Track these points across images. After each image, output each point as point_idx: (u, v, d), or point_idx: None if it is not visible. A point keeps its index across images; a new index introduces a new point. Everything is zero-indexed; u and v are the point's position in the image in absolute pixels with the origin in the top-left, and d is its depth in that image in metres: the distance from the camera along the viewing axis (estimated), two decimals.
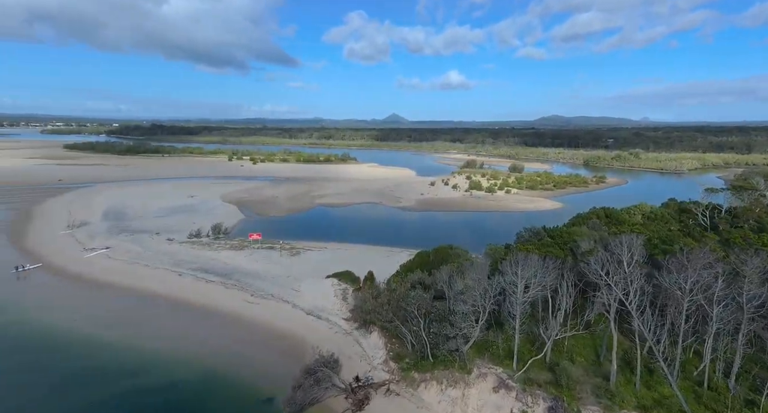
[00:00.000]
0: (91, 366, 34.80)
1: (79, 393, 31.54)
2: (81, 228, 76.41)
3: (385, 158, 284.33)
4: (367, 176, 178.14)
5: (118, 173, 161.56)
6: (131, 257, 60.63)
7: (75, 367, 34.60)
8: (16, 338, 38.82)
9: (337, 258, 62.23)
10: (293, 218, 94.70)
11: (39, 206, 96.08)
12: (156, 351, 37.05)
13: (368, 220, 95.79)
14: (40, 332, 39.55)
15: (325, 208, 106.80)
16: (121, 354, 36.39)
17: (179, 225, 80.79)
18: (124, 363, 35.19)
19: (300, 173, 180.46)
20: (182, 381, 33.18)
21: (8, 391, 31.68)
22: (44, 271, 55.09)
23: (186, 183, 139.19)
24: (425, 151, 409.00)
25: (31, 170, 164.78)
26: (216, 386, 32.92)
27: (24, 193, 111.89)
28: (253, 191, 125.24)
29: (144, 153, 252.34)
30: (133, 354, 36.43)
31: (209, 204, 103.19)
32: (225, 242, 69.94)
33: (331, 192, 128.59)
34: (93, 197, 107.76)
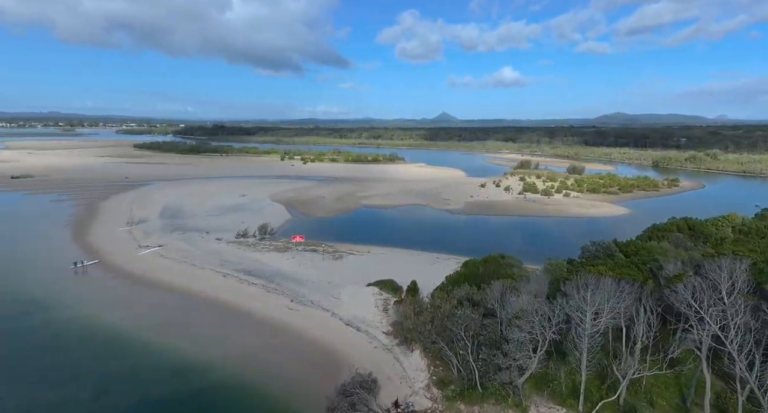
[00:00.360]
0: (128, 367, 34.70)
1: (112, 395, 31.30)
2: (139, 225, 79.89)
3: (433, 158, 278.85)
4: (415, 176, 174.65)
5: (179, 172, 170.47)
6: (181, 255, 61.83)
7: (113, 367, 34.65)
8: (62, 335, 39.85)
9: (380, 264, 59.63)
10: (338, 219, 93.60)
11: (105, 203, 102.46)
12: (192, 356, 36.36)
13: (414, 223, 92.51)
14: (87, 330, 40.41)
15: (370, 209, 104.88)
16: (159, 357, 36.07)
17: (229, 224, 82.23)
18: (159, 367, 34.76)
19: (348, 173, 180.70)
20: (214, 390, 32.04)
21: (44, 388, 32.05)
22: (100, 267, 57.37)
23: (239, 182, 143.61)
24: (476, 150, 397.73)
25: (103, 167, 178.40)
26: (247, 397, 31.48)
27: (94, 189, 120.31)
28: (301, 191, 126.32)
29: (204, 152, 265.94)
30: (170, 358, 35.98)
31: (258, 204, 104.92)
32: (270, 242, 69.81)
33: (377, 193, 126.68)
34: (153, 194, 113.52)
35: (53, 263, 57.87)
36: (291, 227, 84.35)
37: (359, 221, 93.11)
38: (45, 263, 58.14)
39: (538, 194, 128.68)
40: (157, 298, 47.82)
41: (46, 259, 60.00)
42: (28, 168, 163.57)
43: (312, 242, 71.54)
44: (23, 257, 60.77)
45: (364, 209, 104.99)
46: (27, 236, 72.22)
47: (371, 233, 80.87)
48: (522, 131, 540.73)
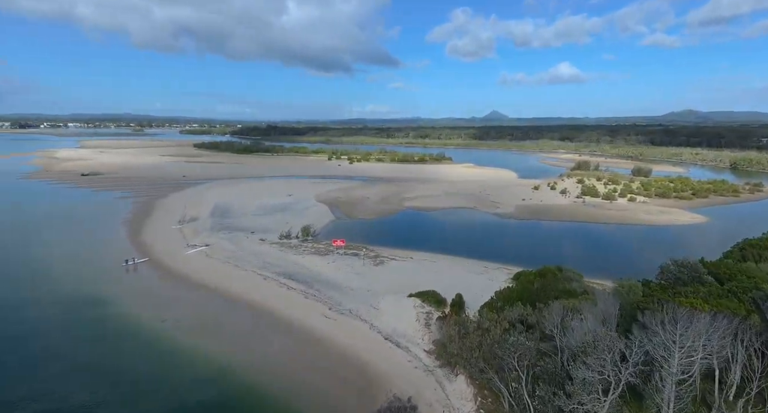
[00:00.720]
0: (160, 371, 34.21)
1: (143, 401, 30.63)
2: (189, 224, 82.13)
3: (483, 158, 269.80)
4: (462, 177, 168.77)
5: (233, 171, 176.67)
6: (225, 256, 62.14)
7: (146, 370, 34.25)
8: (103, 334, 40.30)
9: (423, 272, 56.27)
10: (381, 221, 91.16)
11: (162, 200, 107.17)
12: (222, 363, 35.24)
13: (460, 227, 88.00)
14: (127, 330, 40.71)
15: (414, 211, 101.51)
16: (190, 363, 35.30)
17: (273, 224, 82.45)
18: (189, 373, 33.93)
19: (393, 173, 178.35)
20: (239, 400, 30.53)
21: (76, 389, 31.97)
22: (149, 266, 58.79)
23: (287, 182, 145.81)
24: (528, 150, 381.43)
25: (165, 166, 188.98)
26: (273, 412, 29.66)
27: (154, 187, 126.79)
28: (345, 191, 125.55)
29: (257, 152, 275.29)
30: (200, 364, 35.08)
31: (304, 204, 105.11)
32: (311, 245, 68.69)
33: (421, 194, 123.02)
34: (206, 193, 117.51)
35: (107, 260, 60.17)
36: (333, 228, 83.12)
37: (402, 224, 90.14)
38: (99, 260, 60.61)
39: (598, 197, 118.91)
40: (198, 300, 47.72)
41: (101, 255, 62.61)
42: (98, 166, 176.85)
43: (353, 245, 69.58)
44: (81, 253, 63.84)
45: (407, 211, 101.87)
46: (87, 232, 76.35)
47: (414, 237, 77.64)
48: (579, 130, 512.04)
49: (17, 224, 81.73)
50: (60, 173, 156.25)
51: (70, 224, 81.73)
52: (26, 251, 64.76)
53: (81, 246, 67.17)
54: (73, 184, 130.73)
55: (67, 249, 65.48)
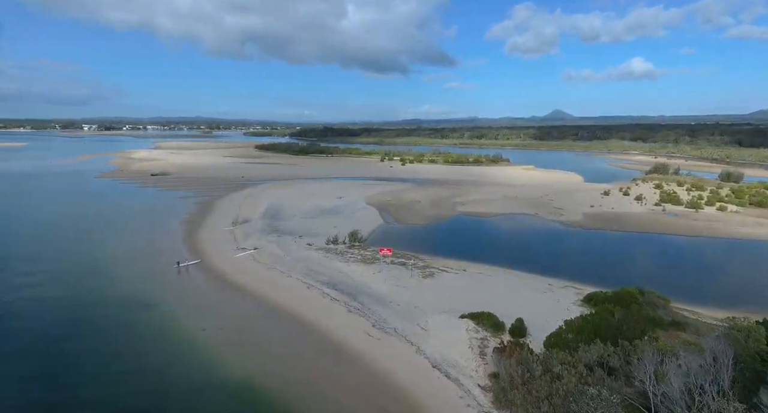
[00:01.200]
0: (192, 384, 32.63)
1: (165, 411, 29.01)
2: (242, 225, 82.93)
3: (544, 160, 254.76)
4: (521, 180, 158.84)
5: (288, 172, 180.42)
6: (272, 261, 61.06)
7: (177, 384, 32.73)
8: (141, 339, 39.71)
9: (477, 287, 51.10)
10: (432, 227, 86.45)
11: (220, 201, 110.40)
12: (256, 379, 32.97)
13: (519, 236, 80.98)
14: (166, 336, 39.96)
15: (468, 217, 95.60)
16: (225, 377, 33.36)
17: (321, 228, 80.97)
18: (224, 390, 31.88)
19: (446, 175, 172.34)
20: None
21: (104, 393, 30.98)
22: (199, 268, 59.06)
23: (339, 183, 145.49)
24: (595, 151, 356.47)
25: (227, 166, 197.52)
26: None
27: (214, 188, 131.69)
28: (396, 194, 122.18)
29: (312, 154, 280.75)
30: (237, 381, 33.00)
31: (353, 207, 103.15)
32: (358, 251, 65.85)
33: (476, 198, 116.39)
34: (261, 194, 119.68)
35: (161, 260, 61.37)
36: (382, 234, 79.93)
37: (455, 231, 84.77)
38: (153, 260, 62.01)
39: (681, 206, 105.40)
40: (240, 308, 46.44)
41: (156, 255, 64.14)
42: (167, 166, 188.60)
43: (401, 253, 65.80)
44: (137, 253, 65.91)
45: (461, 216, 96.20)
46: (147, 231, 79.41)
47: (468, 247, 72.26)
48: (653, 129, 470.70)
49: (83, 221, 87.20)
50: (132, 172, 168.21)
51: (132, 223, 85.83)
52: (85, 248, 68.09)
53: (138, 246, 69.59)
54: (142, 183, 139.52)
55: (125, 249, 68.02)
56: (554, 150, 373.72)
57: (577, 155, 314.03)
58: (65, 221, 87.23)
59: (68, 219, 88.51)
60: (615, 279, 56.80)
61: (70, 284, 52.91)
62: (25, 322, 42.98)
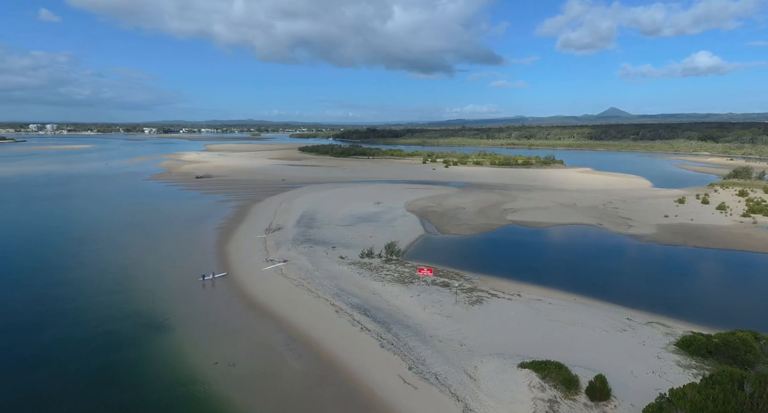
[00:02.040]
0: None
1: None
2: (275, 233, 78.78)
3: (602, 161, 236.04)
4: (578, 184, 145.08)
5: (328, 175, 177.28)
6: (300, 276, 55.67)
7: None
8: (139, 375, 34.99)
9: (536, 319, 42.55)
10: (478, 239, 77.84)
11: (257, 205, 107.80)
12: None
13: (582, 252, 70.57)
14: (171, 370, 35.04)
15: (520, 227, 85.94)
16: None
17: (357, 238, 75.04)
18: None
19: (493, 179, 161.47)
20: None
21: None
22: (224, 282, 54.82)
23: (378, 187, 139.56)
24: (659, 152, 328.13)
25: (269, 169, 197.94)
26: None
27: (254, 191, 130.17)
28: (438, 200, 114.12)
29: (354, 155, 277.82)
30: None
31: (392, 213, 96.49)
32: (395, 267, 58.96)
33: (528, 205, 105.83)
34: (298, 198, 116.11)
35: (187, 272, 57.82)
36: (422, 246, 72.62)
37: (505, 244, 75.59)
38: (180, 271, 58.57)
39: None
40: (260, 336, 41.01)
41: (184, 266, 60.83)
42: (212, 169, 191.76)
43: (444, 270, 58.21)
44: (165, 262, 63.00)
45: (511, 226, 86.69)
46: (180, 237, 77.10)
47: (521, 263, 63.30)
48: (725, 128, 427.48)
49: (119, 227, 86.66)
50: (179, 175, 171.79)
51: (168, 228, 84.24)
52: (114, 256, 66.06)
53: (169, 254, 66.88)
54: (185, 186, 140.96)
55: (155, 257, 65.45)
56: (612, 151, 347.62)
57: (640, 157, 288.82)
58: (101, 225, 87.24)
59: (105, 224, 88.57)
60: (710, 313, 46.15)
61: (85, 298, 49.94)
62: (20, 337, 40.00)
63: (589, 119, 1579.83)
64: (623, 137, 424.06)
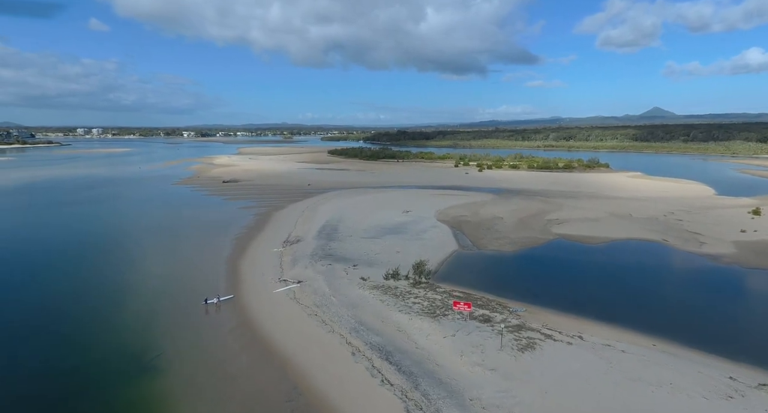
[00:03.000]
0: None
1: None
2: (293, 246, 72.26)
3: (651, 165, 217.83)
4: (631, 191, 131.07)
5: (355, 179, 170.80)
6: (315, 302, 48.39)
7: None
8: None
9: (612, 378, 32.91)
10: (521, 256, 68.09)
11: (279, 212, 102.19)
12: None
13: (648, 276, 59.46)
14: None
15: (569, 243, 75.38)
16: None
17: (382, 253, 67.19)
18: None
19: (532, 184, 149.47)
20: None
21: None
22: (230, 306, 48.40)
23: (407, 193, 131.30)
24: (714, 154, 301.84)
25: (296, 173, 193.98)
26: None
27: (279, 196, 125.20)
28: (473, 208, 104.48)
29: (383, 158, 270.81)
30: None
31: (421, 224, 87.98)
32: (425, 293, 50.57)
33: (576, 215, 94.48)
34: (322, 206, 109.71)
35: (191, 293, 51.82)
36: (456, 264, 63.80)
37: (553, 263, 65.41)
38: (183, 292, 52.69)
39: None
40: (258, 384, 33.83)
41: (189, 284, 55.01)
42: (240, 173, 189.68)
43: (482, 298, 49.29)
44: (170, 280, 57.47)
45: (558, 241, 76.21)
46: (193, 248, 71.98)
47: (575, 290, 53.35)
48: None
49: (133, 236, 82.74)
50: (207, 179, 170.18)
51: (184, 238, 79.54)
52: (117, 273, 61.19)
53: (177, 270, 61.41)
54: (211, 191, 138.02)
55: (160, 273, 60.10)
56: (661, 153, 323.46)
57: (693, 160, 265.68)
58: (116, 235, 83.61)
59: (120, 233, 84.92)
60: None
61: (66, 327, 44.31)
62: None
63: (630, 119, 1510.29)
64: (672, 139, 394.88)
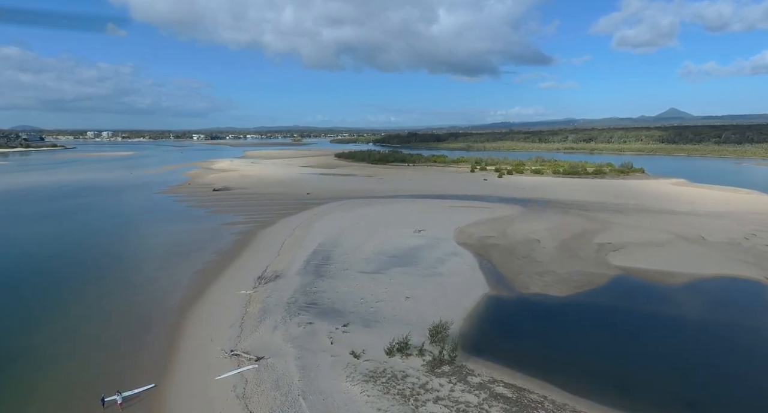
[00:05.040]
0: None
1: None
2: (267, 286, 54.69)
3: (690, 170, 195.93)
4: (685, 204, 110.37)
5: (360, 187, 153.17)
6: (271, 409, 30.40)
7: None
8: None
9: None
10: (581, 306, 49.16)
11: (264, 231, 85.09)
12: None
13: None
14: None
15: (637, 280, 56.28)
16: None
17: (386, 300, 49.10)
18: None
19: (563, 193, 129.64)
20: None
21: None
22: (141, 409, 30.63)
23: (419, 205, 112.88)
24: (754, 157, 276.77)
25: (297, 179, 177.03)
26: None
27: (271, 209, 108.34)
28: (499, 225, 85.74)
29: (393, 162, 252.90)
30: None
31: (438, 249, 69.70)
32: (450, 385, 32.23)
33: (633, 238, 75.05)
34: (317, 222, 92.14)
35: (88, 387, 34.30)
36: (489, 320, 45.24)
37: (630, 320, 46.00)
38: (75, 384, 35.19)
39: None
40: None
41: (90, 367, 37.57)
42: (237, 179, 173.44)
43: (543, 397, 30.77)
44: (75, 354, 40.08)
45: (624, 278, 57.04)
46: (133, 292, 54.78)
47: (683, 373, 34.39)
48: None
49: (68, 268, 66.18)
50: (197, 186, 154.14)
51: (132, 272, 62.46)
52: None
53: (95, 332, 44.04)
54: (196, 202, 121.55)
55: (69, 341, 42.79)
56: (693, 156, 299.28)
57: (736, 164, 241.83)
58: (45, 266, 67.21)
59: (53, 264, 68.54)
60: None
61: None
62: None
63: (646, 120, 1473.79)
64: (701, 140, 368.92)
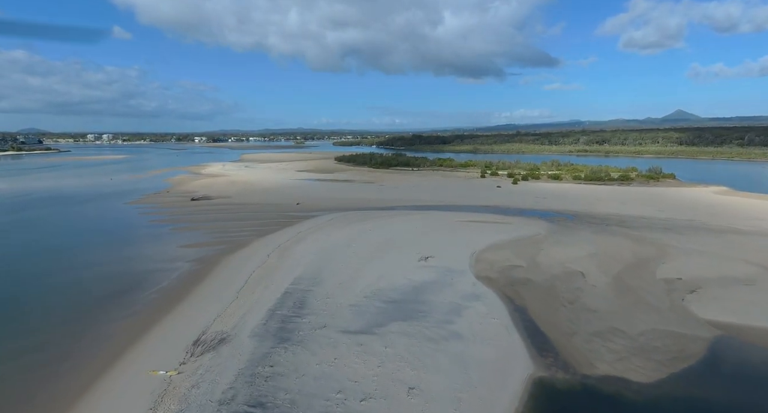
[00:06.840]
0: None
1: None
2: (201, 359, 37.30)
3: (725, 175, 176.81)
4: (745, 218, 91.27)
5: (358, 195, 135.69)
6: None
7: None
8: None
9: None
10: (673, 394, 31.21)
11: (232, 256, 68.10)
12: None
13: None
14: None
15: (748, 345, 38.21)
16: None
17: (374, 396, 31.44)
18: None
19: (590, 204, 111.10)
20: None
21: None
22: None
23: (424, 219, 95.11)
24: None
25: (289, 186, 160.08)
26: None
27: (250, 224, 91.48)
28: (526, 249, 67.89)
29: (396, 166, 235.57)
30: None
31: (452, 290, 51.93)
32: None
33: (707, 271, 56.78)
34: (299, 244, 74.85)
35: None
36: None
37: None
38: None
39: None
40: None
41: None
42: (222, 185, 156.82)
43: None
44: None
45: (725, 342, 38.93)
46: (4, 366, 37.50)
47: None
48: None
49: None
50: (175, 195, 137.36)
51: (29, 328, 45.25)
52: None
53: None
54: (165, 215, 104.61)
55: None
56: (719, 159, 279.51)
57: (759, 167, 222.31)
58: None
59: None
60: None
61: None
62: None
63: (653, 122, 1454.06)
64: (723, 142, 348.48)
